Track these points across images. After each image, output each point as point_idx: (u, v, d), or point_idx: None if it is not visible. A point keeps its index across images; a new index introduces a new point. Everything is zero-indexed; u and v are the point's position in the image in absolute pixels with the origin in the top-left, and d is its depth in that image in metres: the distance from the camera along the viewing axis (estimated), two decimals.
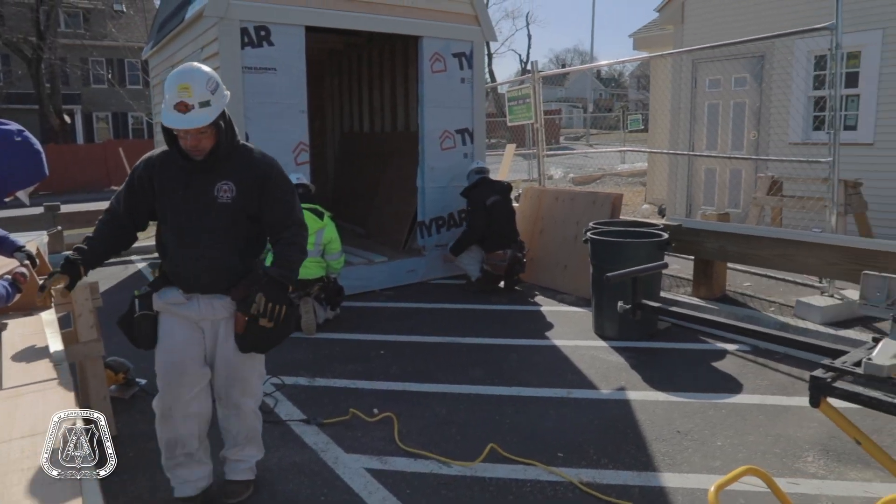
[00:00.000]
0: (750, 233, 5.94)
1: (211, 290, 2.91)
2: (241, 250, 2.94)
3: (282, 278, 2.87)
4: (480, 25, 7.79)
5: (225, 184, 2.82)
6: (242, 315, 2.85)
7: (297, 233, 2.97)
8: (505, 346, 5.50)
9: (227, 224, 2.86)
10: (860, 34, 8.22)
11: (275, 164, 2.95)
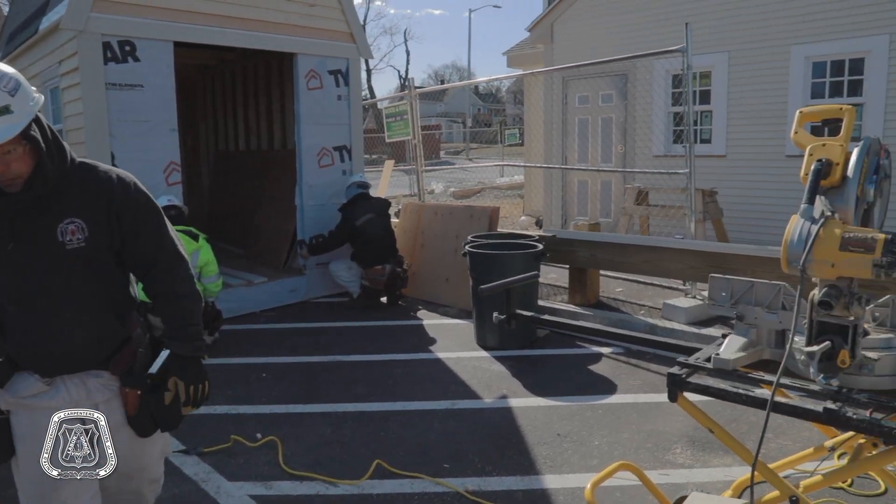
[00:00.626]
0: (619, 241, 6.28)
1: (81, 367, 2.14)
2: (116, 304, 2.20)
3: (195, 351, 2.24)
4: (356, 42, 7.81)
5: (71, 222, 2.06)
6: (133, 390, 2.17)
7: (177, 272, 2.22)
8: (389, 361, 5.51)
9: (87, 275, 2.11)
10: (710, 55, 8.92)
11: (130, 182, 2.18)
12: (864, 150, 1.99)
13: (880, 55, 7.81)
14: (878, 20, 7.78)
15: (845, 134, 2.04)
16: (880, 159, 2.03)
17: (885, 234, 1.84)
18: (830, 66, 8.26)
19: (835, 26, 8.06)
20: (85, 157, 2.13)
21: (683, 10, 9.01)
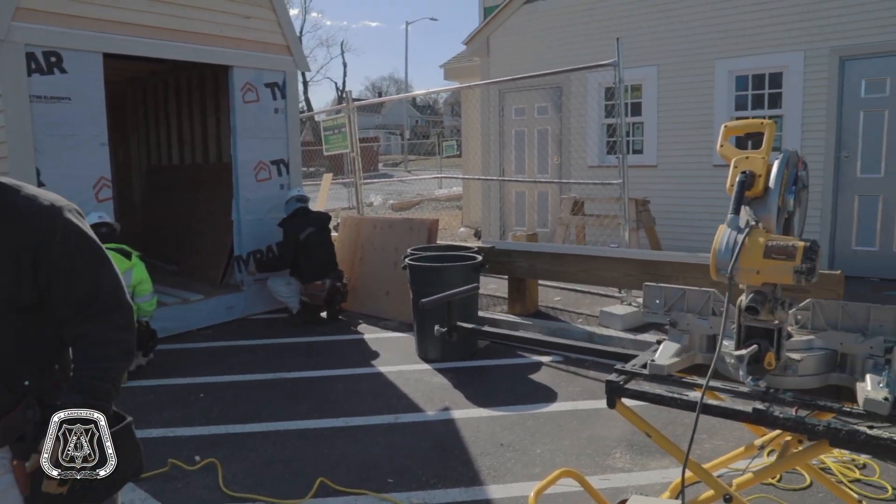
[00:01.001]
0: (556, 251, 6.40)
1: None
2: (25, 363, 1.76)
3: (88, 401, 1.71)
4: (293, 55, 7.76)
5: None
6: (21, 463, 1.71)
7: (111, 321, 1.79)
8: (331, 377, 5.46)
9: None
10: (641, 69, 9.21)
11: (57, 213, 1.72)
12: (783, 163, 2.10)
13: (796, 70, 8.21)
14: (793, 38, 8.19)
15: (766, 147, 2.15)
16: (798, 171, 2.14)
17: (804, 241, 1.94)
18: (752, 80, 8.64)
19: (755, 42, 8.45)
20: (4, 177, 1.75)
21: (614, 26, 9.29)
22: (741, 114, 8.68)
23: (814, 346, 2.21)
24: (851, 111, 8.03)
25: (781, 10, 8.24)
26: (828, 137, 8.10)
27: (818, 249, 1.95)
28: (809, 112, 8.19)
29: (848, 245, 8.21)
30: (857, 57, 7.92)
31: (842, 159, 8.11)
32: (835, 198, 8.15)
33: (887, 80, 7.79)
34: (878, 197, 7.98)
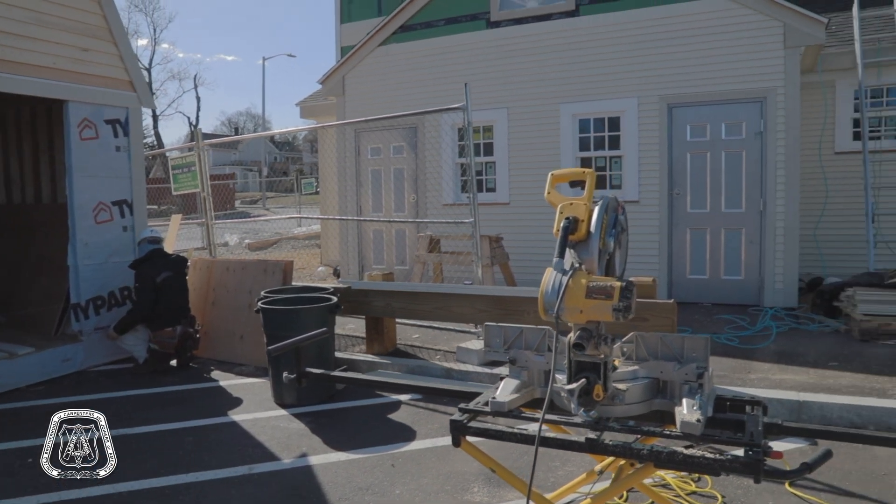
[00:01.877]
0: (412, 289, 6.48)
1: None
2: None
3: None
4: (136, 91, 7.43)
5: None
6: None
7: None
8: (180, 429, 5.18)
9: None
10: (492, 111, 9.65)
11: None
12: (603, 208, 2.27)
13: (632, 115, 8.93)
14: (628, 86, 8.93)
15: (588, 193, 2.32)
16: (618, 215, 2.32)
17: (620, 282, 2.11)
18: (594, 123, 9.27)
19: (595, 89, 9.11)
20: None
21: (466, 69, 9.69)
22: (585, 154, 9.28)
23: (638, 376, 2.39)
24: (680, 153, 8.81)
25: (617, 60, 8.96)
26: (661, 176, 8.82)
27: (633, 289, 2.12)
28: (645, 153, 8.90)
29: (683, 274, 8.92)
30: (683, 105, 8.74)
31: (674, 196, 8.84)
32: (670, 231, 8.86)
33: (707, 125, 8.65)
34: (706, 230, 8.77)
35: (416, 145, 10.39)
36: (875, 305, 6.93)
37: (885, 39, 9.30)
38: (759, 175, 8.45)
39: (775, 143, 8.31)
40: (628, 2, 8.93)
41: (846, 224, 9.45)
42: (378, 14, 14.87)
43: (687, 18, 8.63)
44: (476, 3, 9.86)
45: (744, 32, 8.39)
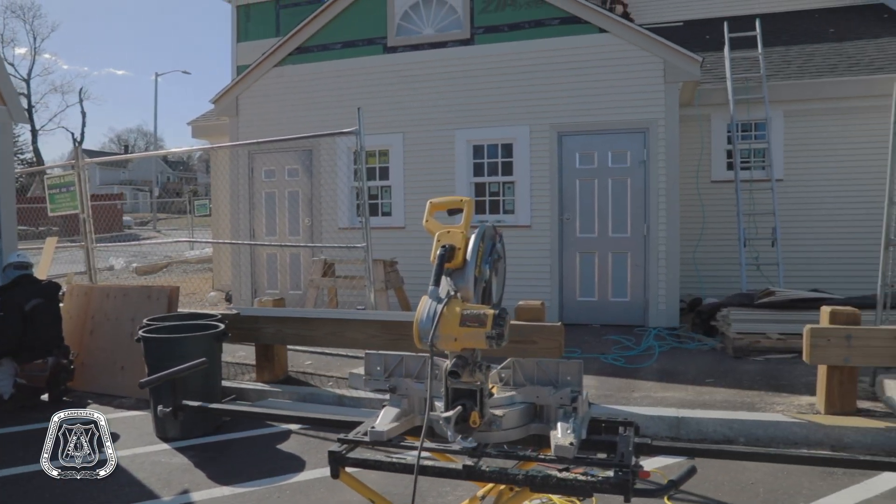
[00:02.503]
0: (303, 315, 6.37)
1: None
2: None
3: None
4: (6, 104, 6.99)
5: None
6: None
7: None
8: None
9: None
10: (388, 136, 9.71)
11: None
12: (479, 236, 2.31)
13: (524, 142, 9.20)
14: (520, 114, 9.21)
15: (465, 222, 2.36)
16: (495, 243, 2.37)
17: (494, 310, 2.15)
18: (488, 149, 9.48)
19: (489, 116, 9.33)
20: None
21: (362, 93, 9.71)
22: (479, 179, 9.47)
23: (515, 401, 2.43)
24: (569, 179, 9.14)
25: (510, 89, 9.23)
26: (552, 202, 9.11)
27: (506, 316, 2.16)
28: (536, 179, 9.17)
29: (573, 296, 9.20)
30: (572, 133, 9.09)
31: (564, 221, 9.14)
32: (561, 255, 9.14)
33: (595, 153, 9.03)
34: (594, 254, 9.10)
35: (312, 168, 10.28)
36: (746, 324, 7.39)
37: (751, 79, 10.04)
38: (643, 201, 8.87)
39: (657, 172, 8.77)
40: (521, 33, 9.24)
41: (722, 247, 10.05)
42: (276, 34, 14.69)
43: (576, 51, 9.02)
44: (373, 28, 9.93)
45: (628, 67, 8.84)
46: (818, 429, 5.06)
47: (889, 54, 10.48)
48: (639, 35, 8.83)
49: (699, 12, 13.38)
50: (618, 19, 9.04)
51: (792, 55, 11.02)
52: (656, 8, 13.55)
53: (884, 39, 11.08)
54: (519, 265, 9.09)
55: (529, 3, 9.22)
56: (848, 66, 10.29)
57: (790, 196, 9.93)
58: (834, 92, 9.86)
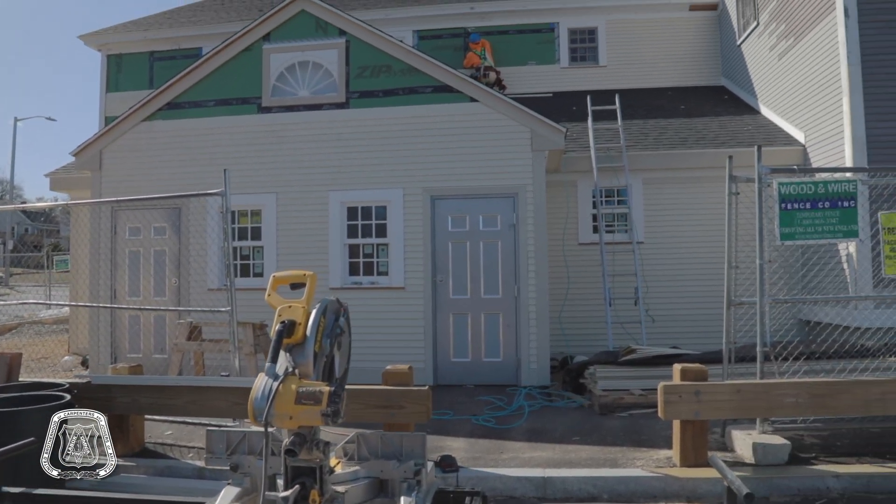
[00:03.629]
0: (161, 383, 6.05)
1: None
2: None
3: None
4: None
5: None
6: None
7: None
8: None
9: None
10: (261, 195, 9.59)
11: None
12: (321, 311, 2.31)
13: (398, 205, 9.34)
14: (394, 177, 9.39)
15: (308, 296, 2.35)
16: (339, 317, 2.38)
17: (330, 387, 2.14)
18: (362, 211, 9.53)
19: (364, 178, 9.43)
20: None
21: (234, 152, 9.58)
22: (353, 241, 9.48)
23: (359, 476, 2.41)
24: (442, 242, 9.33)
25: (384, 153, 9.41)
26: (425, 263, 9.24)
27: (342, 393, 2.16)
28: (410, 241, 9.30)
29: (447, 357, 9.28)
30: (445, 197, 9.33)
31: (438, 283, 9.27)
32: (434, 316, 9.22)
33: (467, 217, 9.29)
34: (467, 315, 9.26)
35: (180, 227, 9.92)
36: (611, 381, 7.70)
37: (613, 149, 10.75)
38: (513, 263, 9.17)
39: (526, 235, 9.12)
40: (395, 99, 9.48)
41: (590, 307, 10.51)
42: (149, 86, 14.32)
43: (448, 118, 9.35)
44: (248, 88, 9.87)
45: (498, 134, 9.25)
46: (674, 481, 5.30)
47: (729, 130, 11.56)
48: (507, 105, 9.28)
49: (567, 85, 14.28)
50: (488, 90, 9.48)
51: (649, 128, 11.92)
52: (528, 79, 14.34)
53: (724, 118, 12.23)
54: (393, 327, 9.11)
55: (404, 71, 9.50)
56: (696, 139, 11.24)
57: (651, 257, 10.59)
58: (685, 163, 10.72)
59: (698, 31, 14.72)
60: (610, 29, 14.63)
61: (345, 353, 2.43)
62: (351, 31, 9.69)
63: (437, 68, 9.44)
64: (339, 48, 9.68)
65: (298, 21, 9.83)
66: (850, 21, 9.17)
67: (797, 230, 5.95)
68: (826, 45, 9.71)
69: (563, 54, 14.59)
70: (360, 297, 9.21)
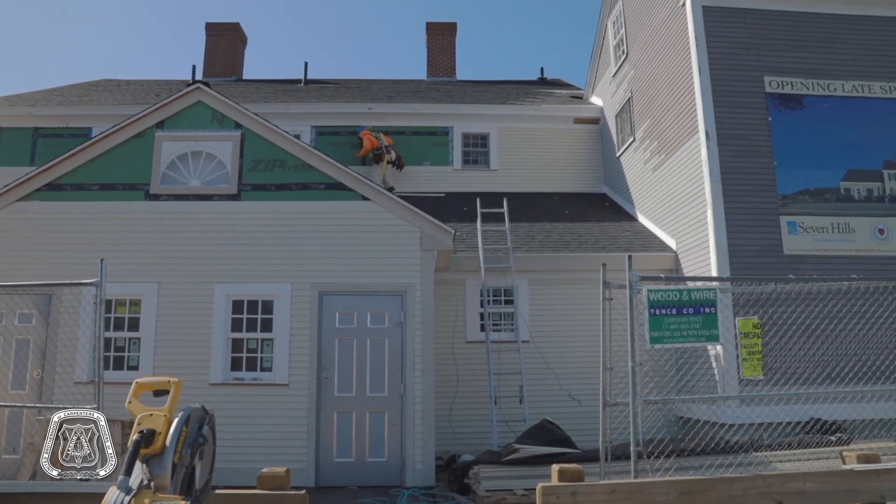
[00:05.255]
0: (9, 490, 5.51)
1: None
2: None
3: None
4: None
5: None
6: None
7: None
8: None
9: None
10: (141, 284, 9.22)
11: None
12: (183, 420, 2.26)
13: (285, 299, 9.22)
14: (283, 271, 9.32)
15: (171, 404, 2.30)
16: (203, 426, 2.32)
17: (186, 501, 2.08)
18: (248, 305, 9.32)
19: (252, 272, 9.28)
20: None
21: (116, 238, 9.24)
22: (237, 335, 9.21)
23: None
24: (329, 338, 9.24)
25: (274, 247, 9.35)
26: (311, 360, 9.08)
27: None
28: (296, 337, 9.14)
29: (330, 457, 9.00)
30: (333, 293, 9.31)
31: (323, 380, 9.10)
32: (318, 415, 8.99)
33: (355, 313, 9.28)
34: (352, 413, 9.09)
35: (50, 314, 9.33)
36: (494, 481, 7.69)
37: (500, 250, 11.16)
38: (400, 361, 9.17)
39: (414, 333, 9.18)
40: (288, 194, 9.53)
41: (476, 405, 10.57)
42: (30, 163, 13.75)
43: (339, 215, 9.47)
44: (136, 174, 9.65)
45: (388, 233, 9.43)
46: None
47: (609, 235, 12.30)
48: (398, 206, 9.53)
49: (460, 186, 14.88)
50: (380, 189, 9.71)
51: (536, 231, 12.49)
52: (424, 178, 14.85)
53: (605, 223, 13.03)
54: (275, 425, 8.81)
55: (298, 167, 9.62)
56: (579, 243, 11.87)
57: (536, 356, 10.87)
58: (568, 265, 11.25)
59: (582, 142, 15.82)
60: (501, 135, 15.49)
61: (207, 463, 2.36)
62: (247, 124, 9.77)
63: (332, 166, 9.62)
64: (234, 140, 9.71)
65: (195, 111, 9.83)
66: (711, 143, 10.17)
67: (665, 334, 6.31)
68: (692, 163, 10.68)
69: (457, 157, 15.25)
70: (241, 394, 8.89)
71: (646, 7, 12.92)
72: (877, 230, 10.31)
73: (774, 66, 10.71)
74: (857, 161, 10.55)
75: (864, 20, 11.15)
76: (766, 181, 10.22)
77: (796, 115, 10.60)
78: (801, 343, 9.10)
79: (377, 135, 14.40)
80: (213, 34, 19.10)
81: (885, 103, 10.87)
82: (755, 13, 10.90)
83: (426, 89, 17.83)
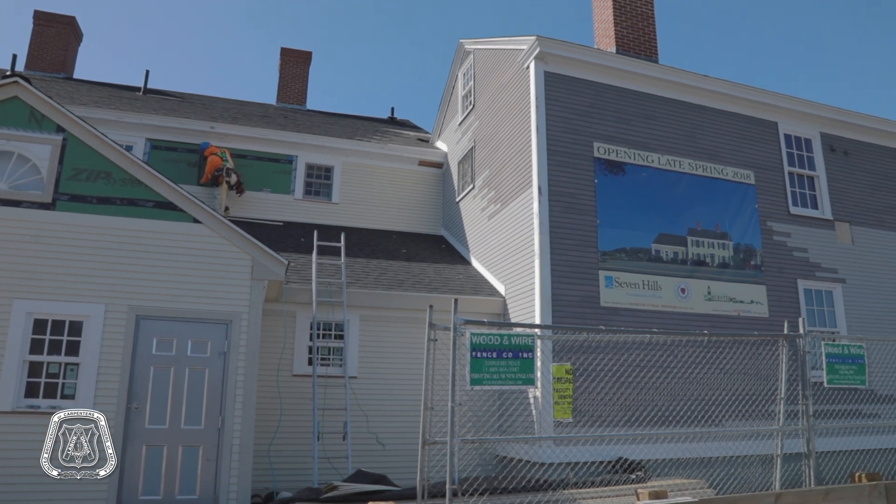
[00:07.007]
0: None
1: None
2: None
3: None
4: None
5: None
6: None
7: None
8: None
9: None
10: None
11: None
12: None
13: (97, 321, 8.54)
14: (98, 290, 8.64)
15: None
16: None
17: None
18: (53, 325, 8.52)
19: (62, 289, 8.52)
20: None
21: None
22: (36, 358, 8.35)
23: None
24: (144, 365, 8.66)
25: (90, 263, 8.68)
26: (121, 388, 8.45)
27: None
28: (106, 362, 8.48)
29: (135, 495, 8.37)
30: (152, 318, 8.78)
31: (132, 410, 8.48)
32: (124, 448, 8.33)
33: (175, 340, 8.80)
34: (164, 447, 8.53)
35: None
36: None
37: (334, 284, 11.10)
38: (220, 393, 8.78)
39: (237, 364, 8.85)
40: (111, 208, 8.91)
41: (299, 441, 10.31)
42: None
43: (164, 235, 8.99)
44: None
45: (217, 259, 9.08)
46: None
47: (443, 277, 12.63)
48: (231, 231, 9.22)
49: (300, 216, 14.67)
50: (213, 213, 9.32)
51: (372, 267, 12.55)
52: (262, 205, 14.48)
53: (441, 265, 13.37)
54: None
55: (126, 181, 9.05)
56: (413, 283, 12.07)
57: (364, 392, 10.83)
58: (400, 304, 11.38)
59: (425, 184, 16.21)
60: (346, 170, 15.51)
61: None
62: (71, 128, 9.07)
63: (163, 184, 9.15)
64: (53, 145, 8.95)
65: (10, 107, 8.96)
66: (543, 198, 10.82)
67: (485, 376, 6.54)
68: (524, 215, 11.28)
69: (299, 186, 15.04)
70: (36, 424, 7.99)
71: (495, 64, 13.61)
72: (679, 289, 11.40)
73: (603, 134, 11.65)
74: (666, 226, 11.66)
75: (675, 104, 12.47)
76: (590, 237, 11.01)
77: (619, 180, 11.55)
78: (608, 389, 9.81)
79: (223, 154, 13.88)
80: (43, 24, 17.64)
81: (692, 178, 12.16)
82: (589, 84, 11.84)
83: (274, 115, 17.53)
